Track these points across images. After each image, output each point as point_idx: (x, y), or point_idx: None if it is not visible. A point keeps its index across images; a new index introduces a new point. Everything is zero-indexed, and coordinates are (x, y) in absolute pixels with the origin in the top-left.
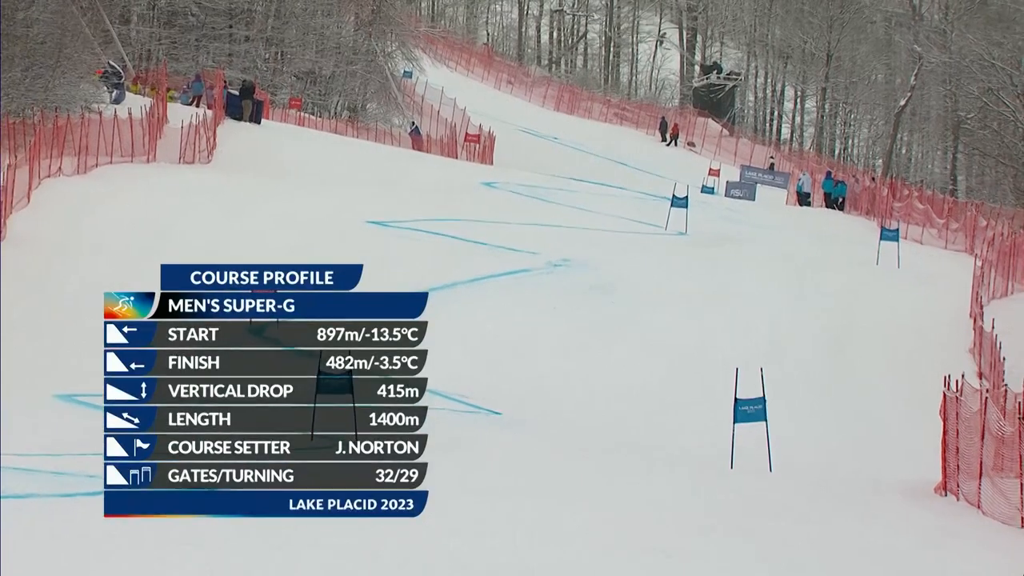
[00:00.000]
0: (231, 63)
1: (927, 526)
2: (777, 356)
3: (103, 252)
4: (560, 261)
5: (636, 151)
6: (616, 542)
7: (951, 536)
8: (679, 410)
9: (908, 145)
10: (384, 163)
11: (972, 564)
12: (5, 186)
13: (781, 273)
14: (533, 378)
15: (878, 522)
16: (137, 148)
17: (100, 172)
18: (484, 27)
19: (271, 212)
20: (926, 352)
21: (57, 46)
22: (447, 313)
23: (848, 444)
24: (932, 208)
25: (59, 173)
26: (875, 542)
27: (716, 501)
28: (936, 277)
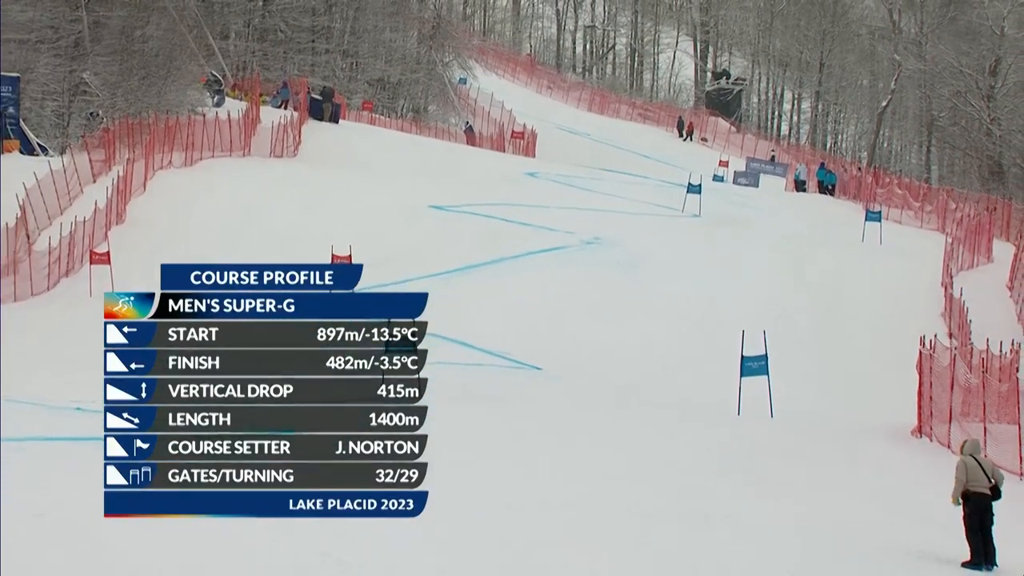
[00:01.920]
0: (313, 72)
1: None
2: (777, 320)
3: (206, 231)
4: (592, 239)
5: (657, 145)
6: (642, 480)
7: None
8: (693, 366)
9: (889, 140)
10: (443, 156)
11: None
12: (125, 177)
13: (780, 249)
14: (568, 339)
15: (864, 460)
16: (235, 144)
17: (204, 165)
18: (527, 40)
19: (347, 198)
20: (904, 316)
21: (168, 58)
22: (495, 283)
23: (838, 394)
24: (909, 193)
25: (170, 166)
26: (862, 478)
27: (725, 443)
28: (913, 252)
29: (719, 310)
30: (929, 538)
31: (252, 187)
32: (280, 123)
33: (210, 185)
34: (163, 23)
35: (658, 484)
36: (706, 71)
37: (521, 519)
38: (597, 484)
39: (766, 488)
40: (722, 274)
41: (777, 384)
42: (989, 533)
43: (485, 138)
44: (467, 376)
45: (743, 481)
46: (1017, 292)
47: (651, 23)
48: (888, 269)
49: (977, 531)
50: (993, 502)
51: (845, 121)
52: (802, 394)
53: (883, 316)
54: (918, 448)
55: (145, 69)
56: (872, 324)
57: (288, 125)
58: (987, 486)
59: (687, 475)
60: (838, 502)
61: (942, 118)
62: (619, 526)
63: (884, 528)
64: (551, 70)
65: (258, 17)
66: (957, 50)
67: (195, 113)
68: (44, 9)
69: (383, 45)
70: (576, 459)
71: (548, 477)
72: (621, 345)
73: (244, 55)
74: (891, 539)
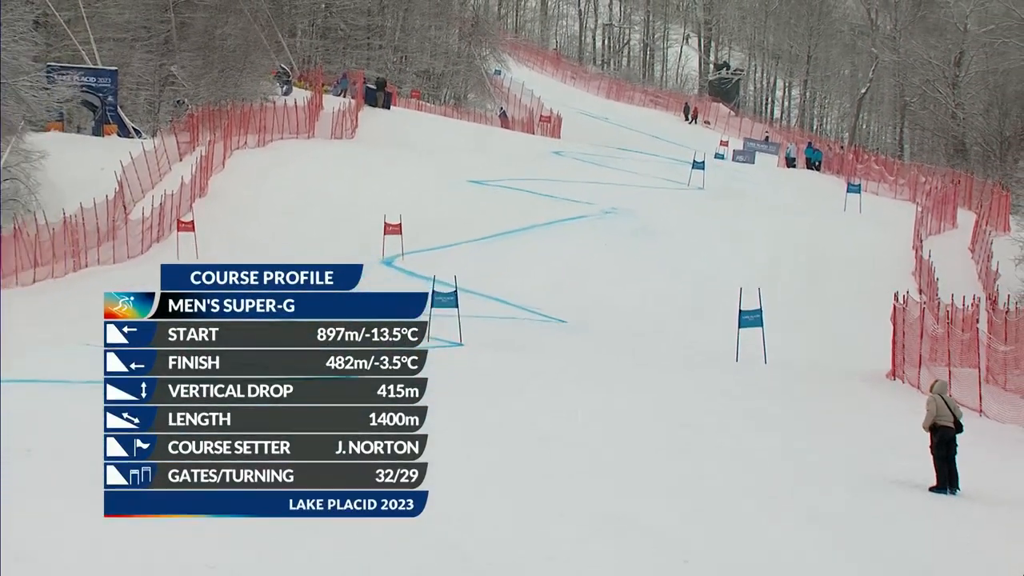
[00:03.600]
0: (368, 65)
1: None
2: (770, 279)
3: (275, 202)
4: (610, 209)
5: (666, 128)
6: (654, 417)
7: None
8: (698, 319)
9: (867, 122)
10: (480, 138)
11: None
12: (207, 156)
13: (773, 217)
14: (589, 296)
15: (845, 400)
16: (300, 127)
17: (274, 145)
18: (554, 36)
19: (398, 173)
20: (880, 274)
21: (244, 54)
22: (525, 248)
23: (823, 343)
24: (885, 169)
25: (245, 146)
26: (843, 415)
27: (725, 386)
28: (888, 220)
29: (720, 270)
30: (901, 467)
31: (315, 164)
32: (340, 109)
33: (279, 163)
34: (239, 23)
35: (668, 421)
36: (708, 63)
37: (550, 450)
38: (614, 421)
39: (761, 424)
40: (722, 239)
41: (770, 334)
42: (953, 462)
43: (517, 122)
44: (502, 328)
45: (741, 418)
46: (977, 254)
47: (661, 21)
48: (866, 234)
49: (943, 460)
50: (956, 435)
51: (829, 106)
52: (792, 343)
53: (862, 275)
54: (892, 389)
55: (224, 63)
56: (852, 282)
57: (347, 111)
58: (952, 421)
59: (693, 413)
60: (823, 436)
61: (913, 103)
62: (635, 457)
63: (862, 458)
64: (574, 63)
65: (321, 17)
66: (926, 44)
67: (266, 101)
68: (138, 11)
69: (428, 41)
70: (596, 399)
71: (570, 414)
72: (635, 301)
73: (308, 50)
74: (868, 467)
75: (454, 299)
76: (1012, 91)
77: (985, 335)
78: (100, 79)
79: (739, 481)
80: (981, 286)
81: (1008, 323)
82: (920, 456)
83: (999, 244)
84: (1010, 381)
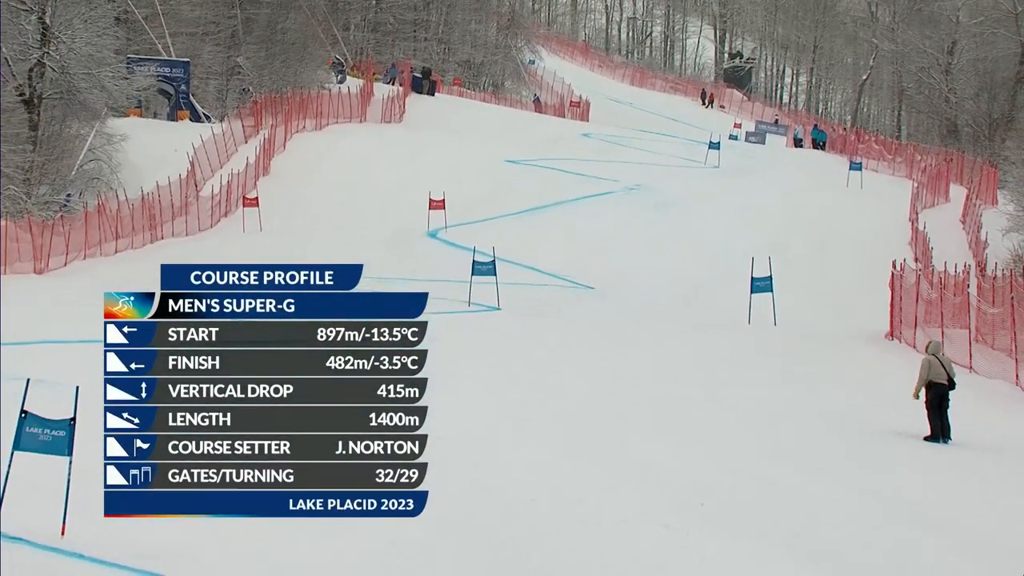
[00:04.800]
0: (415, 55)
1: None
2: (779, 249)
3: (331, 180)
4: (633, 186)
5: (684, 112)
6: (673, 373)
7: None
8: (714, 285)
9: (868, 106)
10: (516, 121)
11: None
12: (269, 138)
13: (782, 193)
14: (615, 264)
15: (847, 357)
16: (354, 112)
17: (330, 129)
18: (583, 29)
19: (441, 153)
20: (879, 244)
21: (302, 46)
22: (557, 221)
23: (827, 306)
24: (884, 148)
25: (303, 130)
26: (845, 372)
27: (737, 345)
28: (886, 194)
29: (733, 241)
30: (898, 419)
31: (367, 146)
32: (389, 96)
33: (334, 145)
34: (299, 18)
35: (685, 377)
36: (723, 52)
37: (579, 403)
38: (636, 377)
39: (772, 380)
40: (736, 213)
41: (780, 299)
42: (946, 415)
43: (549, 107)
44: (535, 293)
45: (752, 374)
46: (968, 226)
47: (680, 15)
48: (867, 208)
49: (936, 413)
50: (949, 391)
51: (833, 91)
52: (799, 307)
53: (863, 245)
54: (890, 348)
55: (285, 54)
56: (854, 251)
57: (395, 97)
58: (945, 378)
59: (708, 371)
60: (827, 390)
61: (910, 88)
62: (656, 409)
63: (862, 411)
64: (601, 53)
65: (372, 13)
66: (922, 35)
67: (323, 88)
68: (208, 8)
69: (469, 34)
70: (620, 358)
71: (598, 372)
72: (656, 269)
73: (361, 43)
74: (867, 420)
75: (492, 268)
76: (1000, 77)
77: (975, 299)
78: (174, 69)
79: (751, 430)
80: (971, 254)
81: (996, 288)
82: (916, 410)
83: (988, 216)
84: (997, 340)
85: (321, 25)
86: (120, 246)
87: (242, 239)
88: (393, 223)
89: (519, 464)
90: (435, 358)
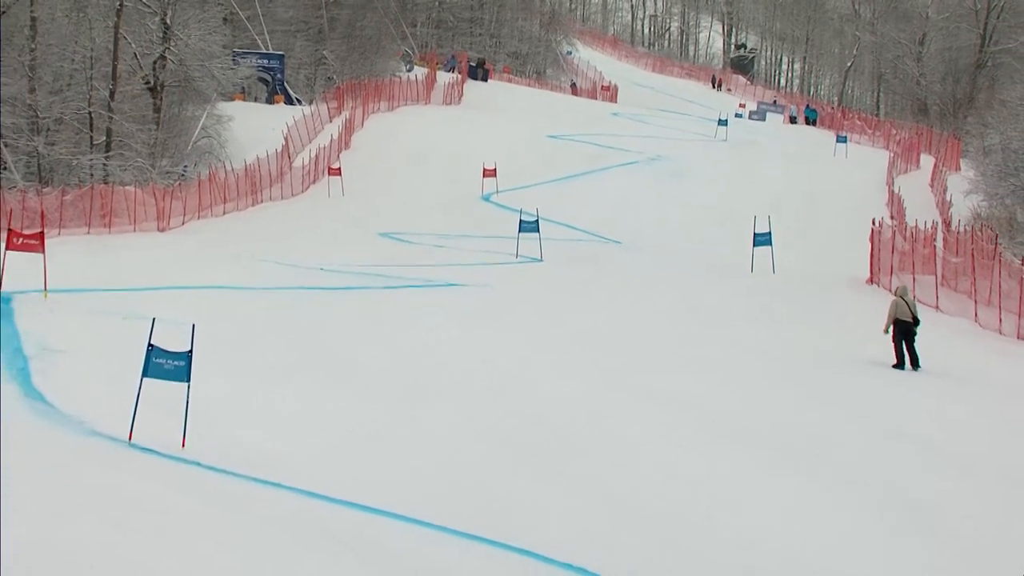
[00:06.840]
0: (471, 47)
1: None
2: (777, 208)
3: (401, 153)
4: (654, 156)
5: (697, 94)
6: (687, 312)
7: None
8: (721, 240)
9: (852, 88)
10: (556, 103)
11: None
12: (350, 118)
13: (780, 162)
14: (639, 222)
15: (833, 300)
16: (420, 96)
17: (401, 110)
18: (612, 24)
19: (493, 130)
20: (862, 204)
21: (377, 40)
22: (592, 186)
23: (817, 257)
24: (865, 124)
25: (378, 111)
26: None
27: (741, 290)
28: (867, 163)
29: (738, 202)
30: (873, 352)
31: (431, 124)
32: (449, 82)
33: (404, 123)
34: (375, 17)
35: (697, 317)
36: (730, 44)
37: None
38: (656, 315)
39: (771, 318)
40: (740, 179)
41: (777, 251)
42: (913, 347)
43: (583, 91)
44: (571, 247)
45: (753, 315)
46: (935, 188)
47: (694, 12)
48: (851, 174)
49: (900, 345)
50: (915, 327)
51: (822, 76)
52: (793, 257)
53: (847, 205)
54: (870, 292)
55: (363, 48)
56: (840, 210)
57: (455, 83)
58: (910, 316)
59: (716, 313)
60: (816, 327)
61: (887, 73)
62: (672, 343)
63: (844, 345)
64: (627, 44)
65: (435, 12)
66: (897, 28)
67: (394, 76)
68: (299, 9)
69: (516, 29)
70: (643, 299)
71: (625, 311)
72: (673, 226)
73: (426, 37)
74: (848, 352)
75: (536, 226)
76: (963, 63)
77: (941, 250)
78: (271, 61)
79: (753, 361)
80: (938, 213)
81: (959, 241)
82: (888, 344)
83: (952, 180)
84: (960, 285)
85: (393, 23)
86: (227, 208)
87: (328, 202)
88: (453, 188)
89: (559, 391)
90: (489, 301)
